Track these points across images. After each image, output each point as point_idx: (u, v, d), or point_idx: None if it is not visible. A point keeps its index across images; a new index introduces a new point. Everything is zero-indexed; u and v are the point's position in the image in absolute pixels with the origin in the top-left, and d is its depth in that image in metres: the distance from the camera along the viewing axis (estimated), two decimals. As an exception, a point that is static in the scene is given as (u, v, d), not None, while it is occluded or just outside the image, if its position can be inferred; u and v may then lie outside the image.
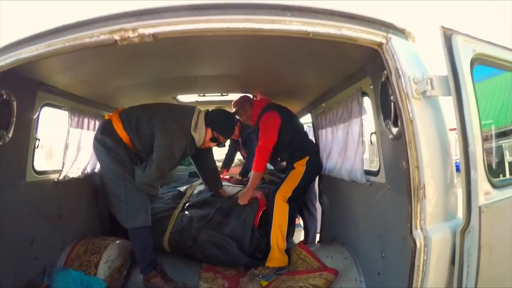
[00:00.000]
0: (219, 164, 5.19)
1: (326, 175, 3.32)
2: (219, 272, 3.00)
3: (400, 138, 1.84)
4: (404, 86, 1.58)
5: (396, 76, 1.60)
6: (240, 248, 3.01)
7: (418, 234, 1.56)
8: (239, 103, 3.47)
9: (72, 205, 2.99)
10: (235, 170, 4.83)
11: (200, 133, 2.83)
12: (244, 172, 4.22)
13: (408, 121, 1.55)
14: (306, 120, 4.14)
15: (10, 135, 2.25)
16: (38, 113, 2.56)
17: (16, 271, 2.31)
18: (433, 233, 1.55)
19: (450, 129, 1.69)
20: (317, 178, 3.72)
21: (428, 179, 1.55)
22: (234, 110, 3.44)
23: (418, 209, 1.57)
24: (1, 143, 2.18)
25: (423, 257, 1.56)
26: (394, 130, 1.90)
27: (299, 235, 4.25)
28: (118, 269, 2.85)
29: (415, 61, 1.69)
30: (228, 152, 5.05)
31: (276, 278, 2.75)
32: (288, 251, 3.09)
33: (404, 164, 1.70)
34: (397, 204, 1.98)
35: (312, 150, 3.38)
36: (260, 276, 2.92)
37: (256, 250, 3.12)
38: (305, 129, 3.65)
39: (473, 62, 1.63)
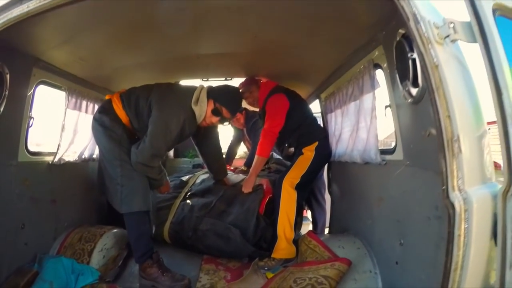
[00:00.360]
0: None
1: (336, 161, 3.13)
2: (221, 264, 2.80)
3: (420, 100, 1.69)
4: (424, 30, 1.40)
5: (415, 21, 1.42)
6: (244, 237, 2.81)
7: (456, 197, 1.31)
8: (245, 84, 3.31)
9: (67, 191, 2.86)
10: (240, 162, 4.67)
11: (201, 107, 2.62)
12: (249, 163, 3.99)
13: (433, 67, 1.36)
14: (314, 110, 3.95)
15: (1, 109, 2.14)
16: (33, 90, 2.46)
17: (4, 256, 2.18)
18: (473, 195, 1.31)
19: (488, 123, 1.52)
20: (325, 167, 3.55)
21: (461, 131, 1.33)
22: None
23: (454, 166, 1.32)
24: None
25: (464, 225, 1.30)
26: (414, 91, 1.72)
27: (306, 229, 4.01)
28: (114, 259, 2.68)
29: (432, 9, 1.52)
30: (230, 144, 4.88)
31: (283, 270, 2.53)
32: (295, 242, 2.88)
33: (427, 129, 1.56)
34: (418, 181, 1.78)
35: (321, 135, 3.20)
36: (266, 268, 2.71)
37: (262, 239, 2.92)
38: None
39: (494, 12, 1.46)
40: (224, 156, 4.67)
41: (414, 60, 1.67)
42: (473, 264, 1.31)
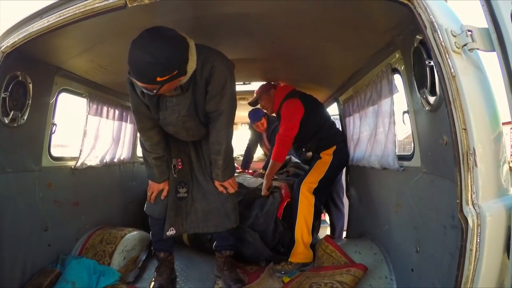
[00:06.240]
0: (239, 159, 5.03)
1: (354, 165, 3.10)
2: (239, 267, 2.81)
3: (438, 108, 1.65)
4: (442, 39, 1.37)
5: (432, 29, 1.39)
6: (262, 241, 2.83)
7: (470, 211, 1.29)
8: (259, 91, 3.32)
9: (89, 194, 2.94)
10: (260, 164, 4.67)
11: None
12: (267, 166, 4.01)
13: (450, 77, 1.33)
14: (332, 112, 3.92)
15: (25, 117, 2.23)
16: (55, 98, 2.54)
17: (28, 256, 2.26)
18: (487, 210, 1.29)
19: (503, 123, 1.48)
20: (344, 171, 3.51)
21: (477, 145, 1.31)
22: (255, 96, 3.30)
23: (469, 181, 1.30)
24: (15, 125, 2.15)
25: (476, 239, 1.28)
26: (432, 99, 1.68)
27: (324, 232, 4.01)
28: (134, 260, 2.76)
29: (450, 15, 1.48)
30: (247, 147, 4.90)
31: (300, 274, 2.53)
32: (313, 247, 2.88)
33: (445, 138, 1.53)
34: (435, 188, 1.75)
35: (339, 139, 3.19)
36: (283, 272, 2.73)
37: (279, 243, 2.94)
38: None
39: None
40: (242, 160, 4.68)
41: (432, 68, 1.62)
42: (484, 278, 1.30)
